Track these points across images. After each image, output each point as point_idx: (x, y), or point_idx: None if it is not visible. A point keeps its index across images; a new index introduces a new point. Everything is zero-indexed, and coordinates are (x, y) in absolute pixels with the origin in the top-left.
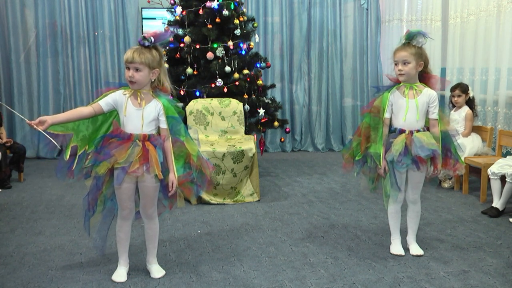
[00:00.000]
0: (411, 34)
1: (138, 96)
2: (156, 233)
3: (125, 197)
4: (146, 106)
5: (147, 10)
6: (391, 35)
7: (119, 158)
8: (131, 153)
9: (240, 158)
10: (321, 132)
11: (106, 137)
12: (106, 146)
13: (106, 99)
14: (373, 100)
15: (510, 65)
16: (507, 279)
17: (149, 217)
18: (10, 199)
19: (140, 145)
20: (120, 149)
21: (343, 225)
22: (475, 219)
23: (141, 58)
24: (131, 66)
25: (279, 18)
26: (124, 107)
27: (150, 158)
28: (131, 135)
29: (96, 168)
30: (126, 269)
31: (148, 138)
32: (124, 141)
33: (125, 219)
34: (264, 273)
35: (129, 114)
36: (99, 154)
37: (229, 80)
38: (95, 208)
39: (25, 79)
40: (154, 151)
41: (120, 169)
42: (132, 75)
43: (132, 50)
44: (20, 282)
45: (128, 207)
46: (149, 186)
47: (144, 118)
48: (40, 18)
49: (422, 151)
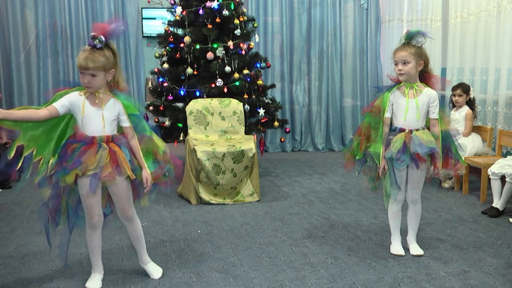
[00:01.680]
0: (411, 34)
1: (96, 97)
2: (141, 233)
3: (95, 204)
4: (105, 106)
5: (147, 10)
6: (391, 35)
7: (89, 165)
8: (101, 158)
9: (240, 158)
10: (321, 132)
11: (68, 144)
12: (72, 153)
13: (62, 101)
14: (374, 100)
15: (510, 65)
16: (507, 279)
17: (130, 219)
18: (10, 199)
19: (106, 147)
20: (88, 155)
21: (343, 225)
22: (475, 219)
23: (95, 63)
24: (86, 73)
25: (279, 18)
26: (82, 108)
27: (119, 159)
28: (93, 138)
29: (64, 177)
30: (100, 276)
31: (112, 139)
32: (88, 146)
33: (95, 227)
34: (264, 273)
35: (88, 116)
36: (66, 162)
37: (229, 80)
38: (57, 219)
39: (25, 79)
40: (120, 151)
41: (92, 176)
42: (88, 81)
43: (84, 55)
44: (20, 282)
45: (97, 214)
46: (122, 187)
47: (105, 118)
48: (40, 18)
49: (420, 149)
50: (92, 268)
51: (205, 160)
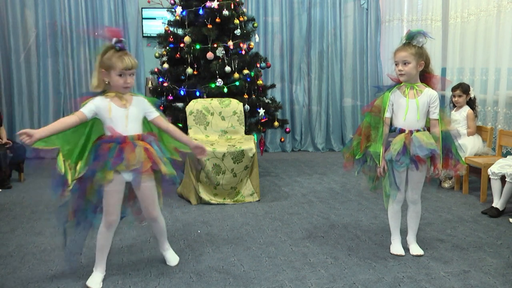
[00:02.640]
0: (411, 34)
1: (122, 98)
2: (164, 227)
3: (116, 203)
4: (130, 106)
5: (147, 10)
6: (391, 35)
7: (131, 161)
8: (139, 154)
9: (240, 158)
10: (321, 132)
11: (103, 143)
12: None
13: (88, 106)
14: (374, 100)
15: (510, 65)
16: (507, 279)
17: (155, 219)
18: (10, 199)
19: (141, 145)
20: (128, 152)
21: (343, 225)
22: (475, 219)
23: (135, 61)
24: (129, 73)
25: (279, 18)
26: (109, 110)
27: (152, 156)
28: (125, 137)
29: (105, 174)
30: (102, 276)
31: (142, 137)
32: (123, 144)
33: (111, 226)
34: (264, 273)
35: (115, 116)
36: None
37: (229, 80)
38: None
39: (25, 79)
40: (152, 148)
41: (134, 171)
42: (130, 81)
43: (127, 56)
44: (20, 282)
45: (116, 214)
46: (149, 186)
47: (132, 117)
48: (40, 18)
49: (420, 151)
50: (95, 266)
51: (205, 160)
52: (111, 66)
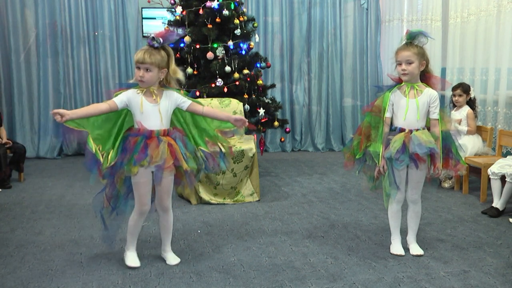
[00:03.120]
0: (413, 34)
1: (153, 93)
2: (171, 224)
3: (147, 193)
4: (161, 101)
5: (147, 10)
6: (391, 35)
7: (154, 157)
8: (163, 151)
9: (240, 158)
10: (321, 132)
11: (130, 137)
12: (135, 146)
13: (120, 96)
14: (375, 99)
15: (510, 65)
16: (507, 279)
17: (165, 209)
18: (10, 199)
19: (166, 141)
20: (152, 148)
21: (343, 225)
22: (475, 219)
23: (151, 59)
24: (142, 67)
25: (279, 18)
26: (141, 104)
27: (176, 152)
28: (151, 131)
29: (131, 168)
30: (135, 253)
31: (168, 132)
32: (150, 139)
33: (144, 214)
34: (264, 273)
35: (146, 111)
36: (131, 154)
37: (229, 80)
38: (113, 204)
39: (25, 79)
40: (176, 144)
41: (156, 167)
42: (142, 75)
43: (143, 50)
44: (20, 282)
45: (148, 203)
46: (168, 179)
47: (162, 113)
48: (40, 18)
49: (419, 149)
50: (127, 246)
51: None
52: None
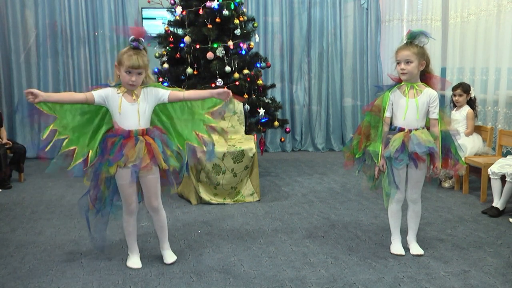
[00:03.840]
0: (414, 33)
1: (133, 93)
2: (165, 223)
3: (132, 193)
4: (140, 101)
5: (147, 10)
6: (391, 35)
7: (130, 157)
8: (139, 150)
9: (240, 158)
10: (321, 132)
11: (108, 138)
12: (113, 147)
13: (99, 91)
14: (375, 99)
15: (510, 64)
16: (507, 278)
17: (155, 209)
18: (11, 199)
19: (143, 140)
20: (128, 148)
21: (343, 225)
22: (475, 218)
23: (144, 62)
24: (135, 72)
25: (279, 18)
26: (119, 105)
27: (154, 151)
28: (130, 131)
29: (108, 168)
30: (138, 256)
31: (146, 132)
32: (127, 139)
33: (132, 213)
34: (264, 273)
35: (124, 111)
36: (109, 155)
37: (229, 80)
38: (98, 206)
39: (25, 79)
40: (154, 143)
41: (132, 167)
42: (135, 79)
43: (135, 55)
44: (20, 282)
45: (134, 201)
46: (152, 178)
47: (140, 113)
48: (40, 18)
49: (419, 148)
50: (130, 250)
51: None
52: (121, 62)
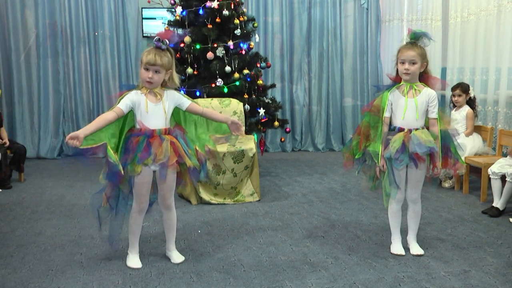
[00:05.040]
0: (417, 34)
1: (156, 93)
2: (175, 222)
3: (146, 192)
4: (163, 100)
5: (147, 10)
6: (391, 35)
7: (158, 155)
8: (166, 148)
9: (240, 158)
10: (321, 132)
11: (132, 137)
12: (138, 146)
13: (124, 101)
14: (374, 99)
15: (510, 64)
16: (508, 278)
17: (168, 207)
18: (11, 199)
19: (168, 139)
20: (156, 146)
21: (343, 225)
22: (475, 218)
23: (162, 61)
24: (152, 68)
25: (279, 18)
26: (145, 105)
27: (178, 149)
28: (153, 130)
29: (135, 167)
30: (138, 255)
31: (169, 131)
32: (152, 138)
33: (142, 212)
34: (264, 273)
35: (150, 111)
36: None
37: (229, 80)
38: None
39: (25, 79)
40: (178, 142)
41: (161, 165)
42: (152, 76)
43: (153, 52)
44: (20, 282)
45: (146, 201)
46: (170, 177)
47: (167, 111)
48: (40, 18)
49: (419, 148)
50: (130, 249)
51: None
52: (141, 60)
